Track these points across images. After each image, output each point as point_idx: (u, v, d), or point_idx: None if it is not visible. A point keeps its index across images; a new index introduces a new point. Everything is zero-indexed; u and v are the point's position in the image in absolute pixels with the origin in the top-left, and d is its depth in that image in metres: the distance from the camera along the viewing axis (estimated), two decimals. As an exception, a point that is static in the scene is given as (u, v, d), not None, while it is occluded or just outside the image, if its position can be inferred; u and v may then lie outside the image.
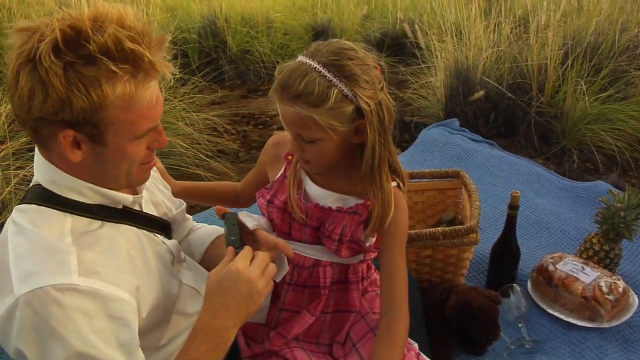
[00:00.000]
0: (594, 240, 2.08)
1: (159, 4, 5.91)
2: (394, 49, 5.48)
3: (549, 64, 3.70)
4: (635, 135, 3.53)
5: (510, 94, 3.75)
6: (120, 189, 1.12)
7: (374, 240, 1.40)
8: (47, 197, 1.05)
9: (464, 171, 2.20)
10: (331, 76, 1.14)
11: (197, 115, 3.70)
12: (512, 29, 4.26)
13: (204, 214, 2.49)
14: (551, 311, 1.93)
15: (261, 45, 5.34)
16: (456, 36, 4.08)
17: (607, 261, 2.05)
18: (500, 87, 3.77)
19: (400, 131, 3.96)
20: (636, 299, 1.94)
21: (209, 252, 1.48)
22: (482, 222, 2.41)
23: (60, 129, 0.96)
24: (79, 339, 0.94)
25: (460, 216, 2.23)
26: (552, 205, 2.71)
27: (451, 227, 1.84)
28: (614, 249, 2.05)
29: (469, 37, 3.98)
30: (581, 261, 1.98)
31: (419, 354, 1.38)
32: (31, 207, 1.04)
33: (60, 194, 1.06)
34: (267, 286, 1.12)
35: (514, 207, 1.91)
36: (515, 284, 1.86)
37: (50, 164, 1.05)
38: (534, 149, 3.60)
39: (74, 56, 0.91)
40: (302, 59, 1.18)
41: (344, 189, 1.35)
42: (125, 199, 1.13)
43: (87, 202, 1.08)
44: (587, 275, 1.90)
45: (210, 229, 1.54)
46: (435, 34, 4.24)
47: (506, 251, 1.98)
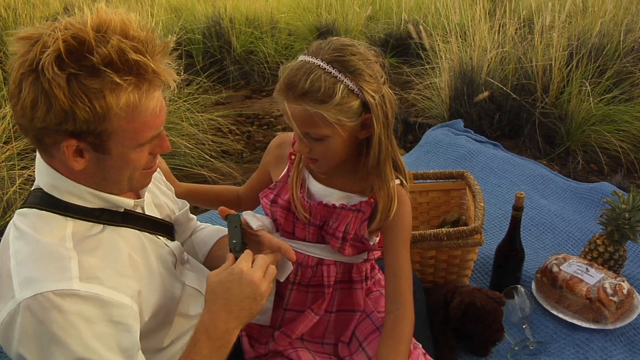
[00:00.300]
0: (599, 241, 2.07)
1: (164, 4, 5.93)
2: (398, 50, 5.48)
3: (553, 65, 3.69)
4: (640, 136, 3.53)
5: (514, 95, 3.74)
6: (122, 194, 1.12)
7: (377, 239, 1.41)
8: (48, 202, 1.05)
9: (468, 172, 2.20)
10: (336, 72, 1.15)
11: (201, 115, 3.71)
12: (516, 29, 4.26)
13: (208, 214, 2.50)
14: (555, 312, 1.92)
15: (265, 45, 5.35)
16: (460, 37, 4.08)
17: (611, 262, 2.04)
18: (504, 88, 3.76)
19: (404, 132, 3.96)
20: (641, 301, 1.93)
21: (212, 253, 1.48)
22: (486, 223, 2.42)
23: (63, 138, 0.96)
24: (79, 345, 0.94)
25: (464, 217, 2.22)
26: (556, 206, 2.71)
27: (455, 228, 1.84)
28: (618, 250, 2.04)
29: (473, 38, 3.97)
30: (585, 262, 1.98)
31: (425, 354, 1.38)
32: (32, 212, 1.05)
33: (61, 198, 1.06)
34: (268, 288, 1.13)
35: (518, 208, 1.91)
36: (519, 285, 1.86)
37: (51, 168, 1.05)
38: (539, 150, 3.60)
39: (78, 67, 0.91)
40: (305, 57, 1.19)
41: (347, 186, 1.36)
42: (126, 203, 1.13)
43: (89, 206, 1.08)
44: (592, 276, 1.90)
45: (213, 230, 1.54)
46: (439, 34, 4.24)
47: (510, 252, 1.98)
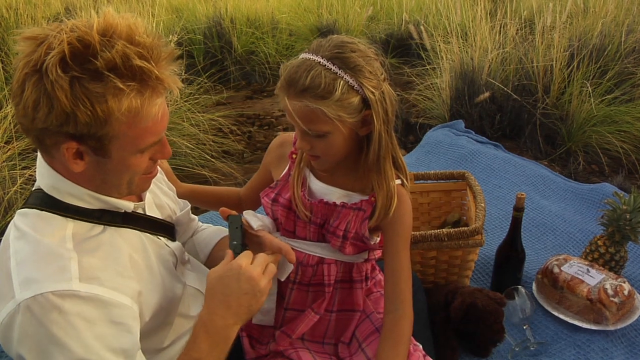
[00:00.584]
0: (600, 242, 2.07)
1: (165, 4, 5.94)
2: (399, 50, 5.48)
3: (554, 65, 3.69)
4: (641, 137, 3.52)
5: (515, 96, 3.74)
6: (121, 197, 1.13)
7: (378, 239, 1.41)
8: (49, 203, 1.06)
9: (469, 173, 2.20)
10: (336, 68, 1.16)
11: (202, 115, 3.71)
12: (517, 30, 4.26)
13: (208, 215, 2.50)
14: (556, 313, 1.92)
15: (266, 46, 5.35)
16: (461, 37, 4.08)
17: (612, 263, 2.04)
18: (505, 89, 3.76)
19: (405, 132, 3.96)
20: (642, 302, 1.93)
21: (214, 253, 1.48)
22: (487, 224, 2.42)
23: (63, 140, 0.96)
24: (80, 345, 0.94)
25: (465, 218, 2.22)
26: (557, 207, 2.71)
27: (456, 229, 1.84)
28: (619, 251, 2.04)
29: (474, 39, 3.97)
30: (586, 263, 1.98)
31: (425, 355, 1.38)
32: (33, 212, 1.05)
33: (61, 199, 1.06)
34: (268, 285, 1.13)
35: (519, 209, 1.90)
36: (520, 286, 1.86)
37: (52, 170, 1.05)
38: (540, 151, 3.60)
39: (81, 71, 0.91)
40: (306, 55, 1.20)
41: (348, 185, 1.36)
42: (126, 206, 1.13)
43: (89, 207, 1.08)
44: (593, 277, 1.90)
45: (215, 230, 1.54)
46: (440, 35, 4.24)
47: (511, 253, 1.98)
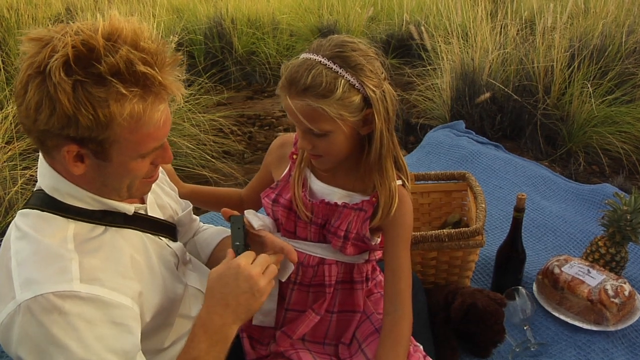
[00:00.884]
0: (600, 243, 2.07)
1: (165, 5, 5.94)
2: (399, 51, 5.48)
3: (555, 66, 3.69)
4: (641, 137, 3.52)
5: (516, 96, 3.74)
6: (122, 200, 1.13)
7: (379, 240, 1.41)
8: (50, 203, 1.06)
9: (469, 173, 2.20)
10: (337, 67, 1.16)
11: (203, 116, 3.71)
12: (518, 31, 4.26)
13: (209, 215, 2.50)
14: (557, 314, 1.92)
15: (267, 46, 5.35)
16: (462, 38, 4.08)
17: (613, 264, 2.04)
18: (506, 89, 3.76)
19: (406, 133, 3.96)
20: (642, 303, 1.93)
21: (215, 254, 1.48)
22: (487, 225, 2.42)
23: (65, 143, 0.96)
24: (80, 346, 0.94)
25: (465, 218, 2.22)
26: (558, 207, 2.71)
27: (457, 230, 1.84)
28: (620, 252, 2.04)
29: (475, 39, 3.97)
30: (587, 264, 1.98)
31: (425, 356, 1.38)
32: (34, 212, 1.05)
33: (62, 200, 1.06)
34: (268, 285, 1.11)
35: (519, 210, 1.90)
36: (520, 287, 1.86)
37: (53, 171, 1.05)
38: (540, 152, 3.60)
39: (84, 75, 0.91)
40: (307, 55, 1.20)
41: (349, 185, 1.36)
42: (126, 209, 1.13)
43: (90, 208, 1.08)
44: (593, 278, 1.90)
45: (216, 230, 1.54)
46: (441, 35, 4.24)
47: (512, 254, 1.98)
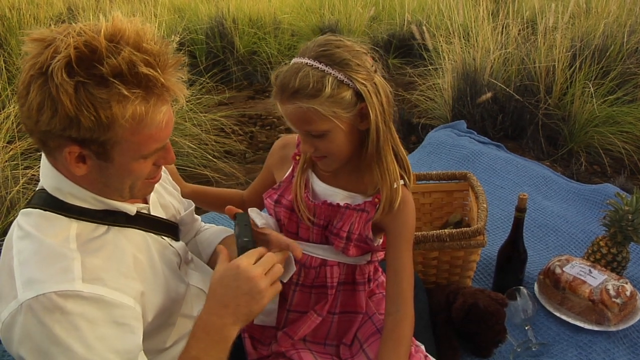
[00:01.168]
0: (602, 243, 2.07)
1: (167, 4, 5.95)
2: (401, 51, 5.48)
3: (556, 66, 3.69)
4: (643, 137, 3.52)
5: (517, 96, 3.74)
6: (124, 201, 1.13)
7: (381, 241, 1.41)
8: (52, 203, 1.06)
9: (471, 173, 2.20)
10: (323, 66, 1.17)
11: (204, 116, 3.72)
12: (519, 30, 4.25)
13: (211, 215, 2.50)
14: (558, 314, 1.92)
15: (268, 46, 5.36)
16: (464, 38, 4.08)
17: (614, 264, 2.04)
18: (507, 89, 3.76)
19: (407, 133, 3.96)
20: (644, 303, 1.93)
21: (216, 253, 1.48)
22: (489, 225, 2.42)
23: (66, 144, 0.96)
24: (82, 346, 0.94)
25: (467, 218, 2.22)
26: (559, 207, 2.71)
27: (458, 229, 1.84)
28: (621, 252, 2.04)
29: (476, 39, 3.97)
30: (588, 264, 1.98)
31: (426, 356, 1.38)
32: (36, 212, 1.05)
33: (64, 200, 1.06)
34: (270, 287, 1.09)
35: (521, 210, 1.90)
36: (522, 287, 1.86)
37: (56, 171, 1.05)
38: (542, 152, 3.59)
39: (86, 76, 0.91)
40: (295, 60, 1.22)
41: (352, 186, 1.36)
42: (129, 209, 1.13)
43: (92, 208, 1.08)
44: (595, 278, 1.90)
45: (217, 230, 1.54)
46: (442, 35, 4.24)
47: (513, 254, 1.98)
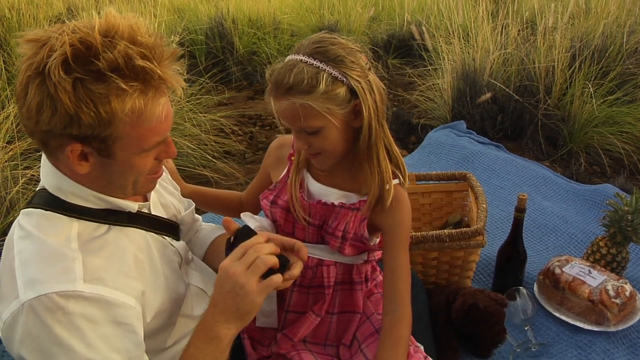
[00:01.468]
0: (601, 243, 2.07)
1: (166, 5, 5.94)
2: (401, 51, 5.48)
3: (556, 66, 3.69)
4: (642, 138, 3.52)
5: (517, 97, 3.74)
6: (126, 198, 1.13)
7: (377, 240, 1.41)
8: (53, 203, 1.06)
9: (470, 173, 2.20)
10: (317, 62, 1.18)
11: (204, 116, 3.71)
12: (519, 31, 4.25)
13: (211, 215, 2.50)
14: (558, 314, 1.92)
15: (268, 46, 5.35)
16: (463, 38, 4.08)
17: (614, 265, 2.04)
18: (507, 90, 3.76)
19: (407, 133, 3.96)
20: (643, 303, 1.93)
21: (209, 252, 1.48)
22: (488, 225, 2.41)
23: (68, 142, 0.96)
24: (84, 346, 0.94)
25: (467, 218, 2.22)
26: (559, 208, 2.71)
27: (458, 230, 1.84)
28: (621, 252, 2.04)
29: (476, 39, 3.97)
30: (588, 264, 1.98)
31: (426, 357, 1.38)
32: (37, 212, 1.05)
33: (66, 199, 1.06)
34: (259, 282, 1.04)
35: (521, 210, 1.90)
36: (521, 287, 1.86)
37: (57, 170, 1.05)
38: (541, 152, 3.59)
39: (84, 72, 0.91)
40: (289, 57, 1.23)
41: (346, 186, 1.36)
42: (130, 207, 1.14)
43: (94, 207, 1.08)
44: (594, 278, 1.90)
45: (210, 229, 1.54)
46: (442, 36, 4.24)
47: (513, 254, 1.98)
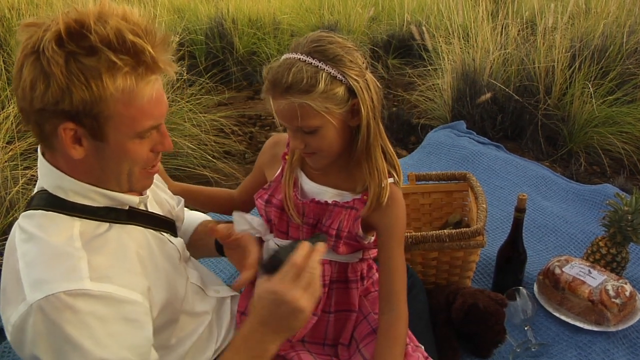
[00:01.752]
0: (601, 243, 2.07)
1: (166, 5, 5.93)
2: (401, 51, 5.48)
3: (556, 66, 3.69)
4: (642, 138, 3.52)
5: (517, 97, 3.74)
6: (123, 192, 1.13)
7: (372, 238, 1.41)
8: (54, 203, 1.06)
9: (470, 173, 2.20)
10: (316, 62, 1.17)
11: (203, 116, 3.71)
12: (519, 31, 4.25)
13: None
14: (557, 314, 1.92)
15: (268, 46, 5.35)
16: (463, 38, 4.08)
17: (614, 265, 2.04)
18: (507, 90, 3.76)
19: (406, 133, 3.96)
20: (643, 303, 1.93)
21: (192, 241, 1.49)
22: (488, 225, 2.41)
23: (60, 121, 0.97)
24: (94, 344, 0.94)
25: (466, 219, 2.22)
26: (559, 208, 2.71)
27: (458, 230, 1.84)
28: (620, 252, 2.04)
29: (476, 39, 3.97)
30: (588, 264, 1.98)
31: (427, 357, 1.38)
32: (38, 213, 1.05)
33: (66, 198, 1.06)
34: (310, 302, 1.03)
35: (520, 210, 1.90)
36: (521, 287, 1.86)
37: (55, 169, 1.06)
38: (541, 152, 3.59)
39: (76, 47, 0.93)
40: (287, 55, 1.22)
41: (340, 184, 1.36)
42: (131, 200, 1.14)
43: (94, 205, 1.08)
44: (594, 278, 1.90)
45: (194, 216, 1.55)
46: (442, 36, 4.24)
47: (513, 254, 1.98)
